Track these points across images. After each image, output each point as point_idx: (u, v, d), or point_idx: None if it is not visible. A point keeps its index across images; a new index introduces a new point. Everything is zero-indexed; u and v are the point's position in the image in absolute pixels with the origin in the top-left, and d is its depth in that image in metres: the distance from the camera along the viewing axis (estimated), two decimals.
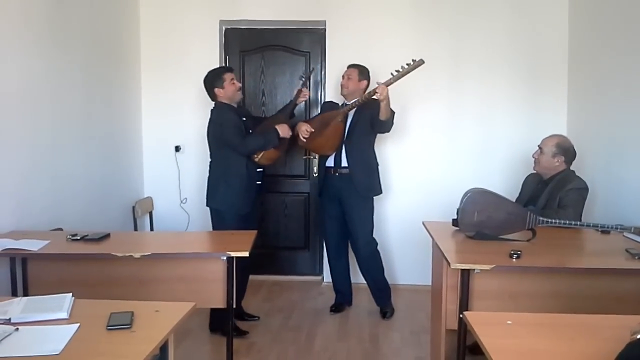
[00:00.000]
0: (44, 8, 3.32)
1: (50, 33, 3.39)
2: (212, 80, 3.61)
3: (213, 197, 3.59)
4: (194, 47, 4.55)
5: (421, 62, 3.55)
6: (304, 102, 4.69)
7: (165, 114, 4.64)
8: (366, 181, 3.89)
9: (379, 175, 3.99)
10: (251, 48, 4.73)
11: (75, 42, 3.66)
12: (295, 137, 3.82)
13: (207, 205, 3.65)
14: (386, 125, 3.76)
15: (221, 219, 3.55)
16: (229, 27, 4.71)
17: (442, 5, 4.47)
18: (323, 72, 4.67)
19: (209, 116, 3.62)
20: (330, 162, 3.90)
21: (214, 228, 3.62)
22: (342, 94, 3.94)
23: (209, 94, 3.63)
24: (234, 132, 3.51)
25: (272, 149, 3.62)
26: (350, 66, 3.94)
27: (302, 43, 4.71)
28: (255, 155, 3.60)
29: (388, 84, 3.56)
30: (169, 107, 4.62)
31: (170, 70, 4.58)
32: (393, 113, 3.73)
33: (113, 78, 4.23)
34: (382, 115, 3.66)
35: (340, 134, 3.81)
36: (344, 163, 3.86)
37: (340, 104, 4.02)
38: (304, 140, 3.80)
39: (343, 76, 3.92)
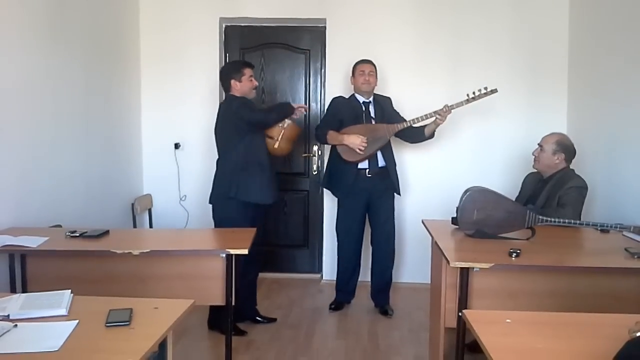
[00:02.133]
0: (44, 5, 3.31)
1: (50, 30, 3.38)
2: (230, 71, 3.55)
3: (228, 187, 3.40)
4: (194, 44, 4.54)
5: (495, 91, 3.62)
6: (305, 100, 4.72)
7: (165, 111, 4.64)
8: (397, 178, 3.99)
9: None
10: (251, 46, 4.72)
11: (75, 39, 3.66)
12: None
13: (213, 200, 3.50)
14: (424, 140, 3.94)
15: (232, 210, 3.37)
16: (228, 24, 4.70)
17: (442, 4, 4.46)
18: (323, 70, 4.67)
19: (218, 111, 3.55)
20: (364, 164, 3.86)
21: (221, 223, 3.45)
22: (363, 90, 3.91)
23: (223, 84, 3.58)
24: (251, 110, 3.45)
25: (292, 127, 3.56)
26: (367, 62, 3.93)
27: (302, 41, 4.70)
28: (275, 141, 3.50)
29: (453, 108, 3.70)
30: (169, 105, 4.62)
31: (170, 68, 4.57)
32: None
33: (113, 75, 4.22)
34: (430, 132, 3.87)
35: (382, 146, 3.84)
36: (381, 163, 3.89)
37: (347, 97, 4.02)
38: (361, 153, 3.75)
39: (363, 72, 3.88)
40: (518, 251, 2.43)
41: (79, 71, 3.73)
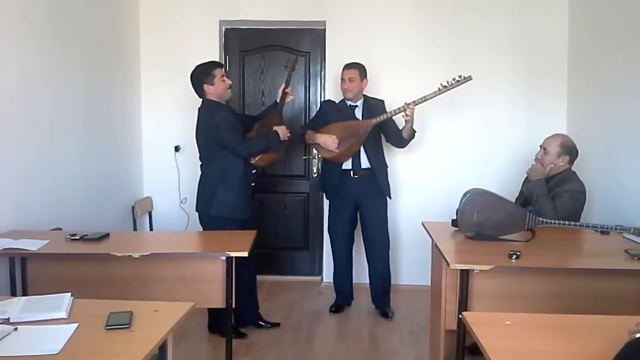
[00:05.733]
0: (44, 7, 3.32)
1: (50, 33, 3.39)
2: (200, 76, 3.41)
3: (209, 203, 3.41)
4: (194, 47, 4.54)
5: (469, 78, 3.58)
6: (305, 102, 4.73)
7: (164, 114, 4.64)
8: (385, 181, 3.96)
9: (388, 177, 4.02)
10: (251, 48, 4.73)
11: (75, 42, 3.67)
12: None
13: (198, 210, 3.50)
14: (405, 143, 3.90)
15: (219, 226, 3.31)
16: (228, 27, 4.71)
17: (442, 5, 4.47)
18: (323, 73, 4.67)
19: (197, 115, 3.49)
20: (347, 165, 3.87)
21: None
22: (346, 97, 3.92)
23: (196, 90, 3.44)
24: (231, 133, 3.34)
25: (267, 156, 3.51)
26: (348, 67, 3.89)
27: (302, 43, 4.71)
28: (253, 158, 3.48)
29: (417, 103, 3.65)
30: (169, 107, 4.62)
31: (170, 70, 4.57)
32: (414, 132, 3.83)
33: (113, 78, 4.23)
34: (406, 134, 3.80)
35: (361, 144, 3.81)
36: (365, 165, 3.87)
37: (337, 102, 4.04)
38: (336, 150, 3.76)
39: (343, 79, 3.87)
40: (518, 253, 2.43)
41: (79, 74, 3.74)
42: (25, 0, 3.15)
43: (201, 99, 3.50)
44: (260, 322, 3.71)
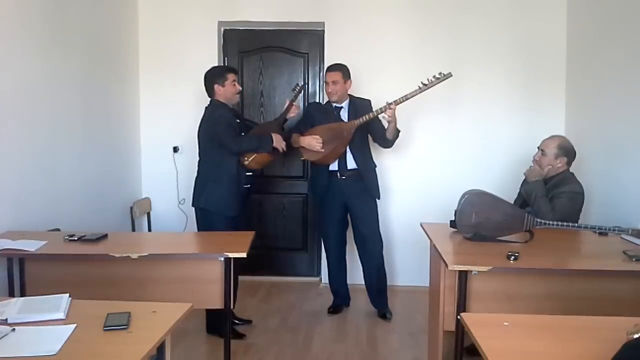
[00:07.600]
0: (42, 9, 3.31)
1: (48, 34, 3.38)
2: (214, 76, 3.58)
3: (199, 196, 3.53)
4: (193, 48, 4.55)
5: (449, 75, 3.54)
6: (303, 104, 4.72)
7: (163, 115, 4.64)
8: (374, 181, 3.94)
9: (377, 177, 4.00)
10: (250, 49, 4.73)
11: (73, 43, 3.66)
12: (291, 147, 3.84)
13: (193, 205, 3.60)
14: (390, 143, 3.88)
15: (207, 220, 3.49)
16: (227, 28, 4.71)
17: (440, 6, 4.47)
18: (321, 74, 4.67)
19: (203, 115, 3.59)
20: (334, 166, 3.87)
21: (199, 230, 3.57)
22: (331, 100, 3.92)
23: (207, 89, 3.58)
24: (226, 129, 3.46)
25: (264, 153, 3.58)
26: (331, 69, 3.87)
27: (300, 44, 4.71)
28: (245, 158, 3.54)
29: (398, 103, 3.62)
30: (167, 108, 4.62)
31: (169, 71, 4.57)
32: (398, 132, 3.80)
33: (111, 79, 4.23)
34: (389, 134, 3.79)
35: (346, 145, 3.80)
36: (351, 165, 3.86)
37: (323, 103, 4.06)
38: (321, 150, 3.76)
39: (327, 82, 3.86)
40: (516, 254, 2.43)
41: (78, 75, 3.73)
42: (24, 2, 3.15)
43: (210, 99, 3.59)
44: (235, 320, 3.67)
